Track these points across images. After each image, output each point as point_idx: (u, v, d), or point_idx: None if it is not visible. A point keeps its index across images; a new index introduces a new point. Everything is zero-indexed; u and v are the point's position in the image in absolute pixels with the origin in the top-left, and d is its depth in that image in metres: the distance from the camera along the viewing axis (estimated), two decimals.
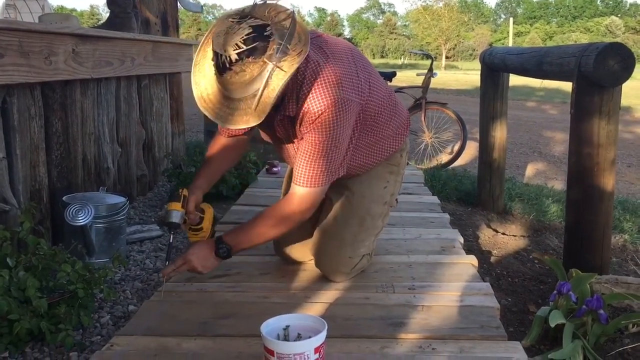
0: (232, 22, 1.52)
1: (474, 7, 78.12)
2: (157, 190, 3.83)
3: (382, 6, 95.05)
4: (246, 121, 1.57)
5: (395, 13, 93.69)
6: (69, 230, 2.37)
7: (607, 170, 2.18)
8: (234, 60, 1.49)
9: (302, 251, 2.14)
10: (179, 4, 5.13)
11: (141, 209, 3.37)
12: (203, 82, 1.62)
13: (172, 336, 1.65)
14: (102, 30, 3.22)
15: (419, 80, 5.55)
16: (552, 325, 1.75)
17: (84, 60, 2.77)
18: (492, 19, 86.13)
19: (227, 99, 1.58)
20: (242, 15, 1.54)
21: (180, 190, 1.92)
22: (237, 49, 1.48)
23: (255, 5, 1.57)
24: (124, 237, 2.57)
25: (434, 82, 6.08)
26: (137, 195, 3.55)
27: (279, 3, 1.59)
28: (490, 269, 2.59)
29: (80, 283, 1.87)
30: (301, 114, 1.71)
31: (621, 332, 1.89)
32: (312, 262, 2.10)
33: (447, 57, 55.73)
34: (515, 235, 3.11)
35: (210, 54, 1.58)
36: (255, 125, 1.63)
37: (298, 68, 1.61)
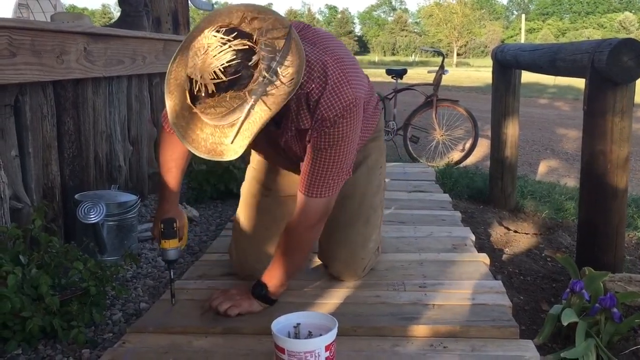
0: (215, 38, 1.27)
1: (486, 4, 77.69)
2: None
3: (393, 3, 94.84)
4: (220, 152, 1.36)
5: (406, 10, 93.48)
6: (81, 228, 2.39)
7: (621, 168, 2.16)
8: (210, 92, 1.27)
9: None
10: (189, 2, 5.14)
11: (152, 207, 3.39)
12: (178, 92, 1.37)
13: (183, 333, 1.66)
14: (114, 29, 3.23)
15: (430, 78, 5.53)
16: (565, 323, 1.73)
17: (96, 58, 2.79)
18: (504, 15, 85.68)
19: (202, 122, 1.36)
20: (228, 30, 1.29)
21: (175, 224, 1.81)
22: (215, 79, 1.25)
23: (245, 17, 1.33)
24: (136, 234, 2.59)
25: (446, 80, 6.06)
26: (148, 193, 3.57)
27: (276, 15, 1.36)
28: (502, 267, 2.57)
29: (92, 280, 1.88)
30: (315, 121, 1.56)
31: (635, 330, 1.87)
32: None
33: (458, 54, 55.52)
34: (527, 233, 3.09)
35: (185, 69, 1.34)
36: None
37: (301, 75, 1.37)
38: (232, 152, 1.35)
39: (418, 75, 9.72)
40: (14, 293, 1.66)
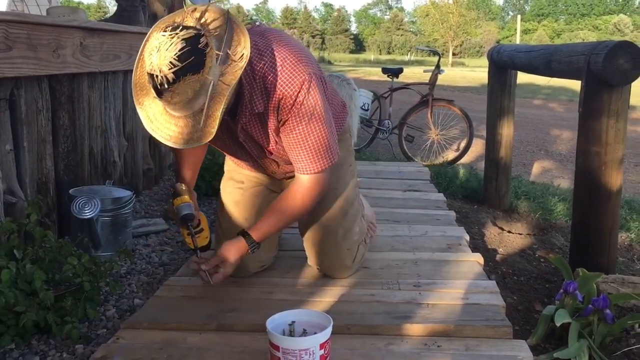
0: (164, 36, 1.40)
1: (482, 4, 77.74)
2: (163, 184, 3.84)
3: (390, 2, 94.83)
4: (197, 139, 1.47)
5: (402, 9, 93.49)
6: (76, 223, 2.38)
7: (615, 170, 2.17)
8: (171, 80, 1.39)
9: None
10: None
11: (147, 202, 3.38)
12: (146, 101, 1.50)
13: (177, 330, 1.66)
14: (110, 24, 3.22)
15: (426, 77, 5.53)
16: (558, 324, 1.74)
17: (92, 53, 2.78)
18: (499, 16, 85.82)
19: (173, 117, 1.47)
20: (173, 27, 1.42)
21: (181, 185, 1.90)
22: (172, 68, 1.38)
23: (185, 12, 1.46)
24: (130, 230, 2.58)
25: (441, 79, 6.06)
26: (143, 189, 3.56)
27: (211, 5, 1.50)
28: (496, 267, 2.58)
29: (86, 276, 1.87)
30: (275, 102, 1.65)
31: (627, 332, 1.88)
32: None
33: (454, 54, 55.58)
34: (521, 234, 3.10)
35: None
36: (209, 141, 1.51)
37: (253, 62, 1.58)
38: (207, 134, 1.46)
39: (414, 74, 9.72)
40: (7, 288, 1.65)
